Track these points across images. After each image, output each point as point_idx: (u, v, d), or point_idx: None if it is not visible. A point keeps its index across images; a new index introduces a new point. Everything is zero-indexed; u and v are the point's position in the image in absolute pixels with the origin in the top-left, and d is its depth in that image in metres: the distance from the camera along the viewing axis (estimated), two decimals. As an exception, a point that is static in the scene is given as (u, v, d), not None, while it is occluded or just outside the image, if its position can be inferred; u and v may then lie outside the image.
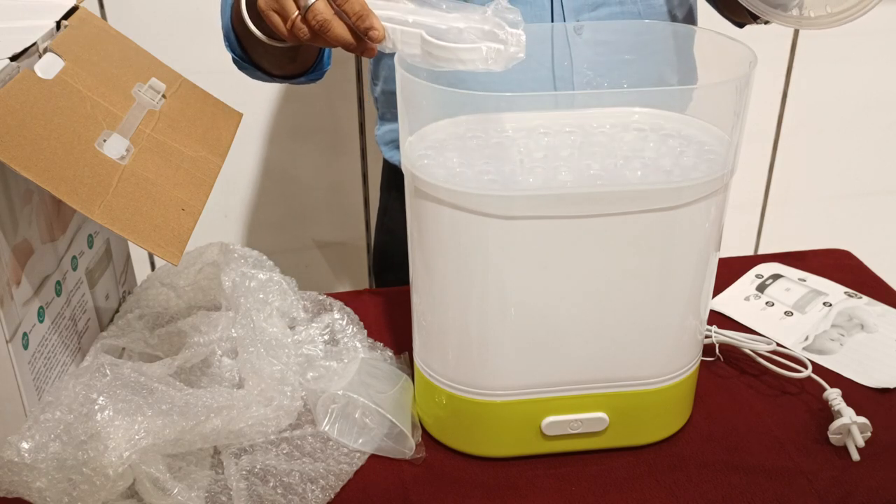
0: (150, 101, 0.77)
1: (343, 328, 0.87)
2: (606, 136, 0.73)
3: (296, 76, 0.96)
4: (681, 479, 0.73)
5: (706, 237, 0.70)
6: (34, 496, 0.66)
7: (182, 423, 0.68)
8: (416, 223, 0.70)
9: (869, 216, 1.88)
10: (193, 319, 0.81)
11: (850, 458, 0.74)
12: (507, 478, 0.74)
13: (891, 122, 1.79)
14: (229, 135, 0.83)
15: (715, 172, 0.67)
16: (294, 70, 0.94)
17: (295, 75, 0.96)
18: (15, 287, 0.68)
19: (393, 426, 0.75)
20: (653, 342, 0.72)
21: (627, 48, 0.80)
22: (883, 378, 0.84)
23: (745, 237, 1.87)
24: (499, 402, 0.73)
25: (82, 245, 0.80)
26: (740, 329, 0.90)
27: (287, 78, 0.96)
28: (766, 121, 1.75)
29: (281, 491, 0.70)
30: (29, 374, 0.70)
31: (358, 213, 1.68)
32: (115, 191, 0.67)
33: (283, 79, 0.97)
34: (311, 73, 0.96)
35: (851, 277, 0.99)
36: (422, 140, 0.71)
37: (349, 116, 1.59)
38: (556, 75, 0.92)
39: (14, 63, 0.67)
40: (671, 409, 0.77)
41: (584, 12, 0.94)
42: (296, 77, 0.96)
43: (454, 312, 0.71)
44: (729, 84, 0.67)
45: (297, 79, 0.96)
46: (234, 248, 0.86)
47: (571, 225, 0.66)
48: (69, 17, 0.76)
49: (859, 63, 1.71)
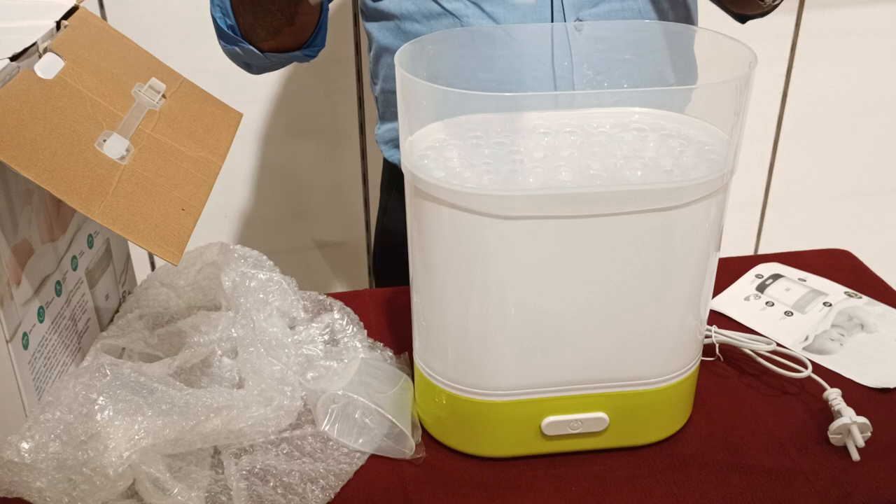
0: (150, 101, 0.77)
1: (343, 328, 0.87)
2: (606, 136, 0.73)
3: (288, 49, 0.92)
4: (681, 479, 0.73)
5: (706, 237, 0.70)
6: (34, 496, 0.66)
7: (182, 423, 0.68)
8: (416, 223, 0.70)
9: (869, 216, 1.88)
10: (193, 319, 0.81)
11: (850, 458, 0.74)
12: (507, 478, 0.74)
13: (891, 122, 1.79)
14: (229, 135, 0.83)
15: (715, 172, 0.67)
16: (289, 41, 0.90)
17: (287, 48, 0.92)
18: (15, 287, 0.68)
19: (393, 426, 0.75)
20: (653, 342, 0.72)
21: (627, 47, 0.80)
22: (883, 378, 0.84)
23: (745, 237, 1.87)
24: (499, 402, 0.73)
25: (82, 245, 0.80)
26: (740, 329, 0.90)
27: (278, 51, 0.92)
28: (766, 121, 1.75)
29: (281, 491, 0.70)
30: (29, 374, 0.70)
31: (358, 213, 1.68)
32: (115, 191, 0.67)
33: (275, 52, 0.92)
34: (307, 48, 0.93)
35: (851, 277, 0.99)
36: (422, 140, 0.71)
37: (349, 116, 1.59)
38: (556, 74, 0.92)
39: (14, 63, 0.67)
40: (671, 409, 0.77)
41: (585, 9, 0.94)
42: (288, 50, 0.92)
43: (454, 312, 0.71)
44: (729, 84, 0.67)
45: (291, 52, 0.92)
46: (234, 248, 0.86)
47: (571, 225, 0.66)
48: (69, 17, 0.76)
49: (859, 63, 1.71)
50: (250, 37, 0.91)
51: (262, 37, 0.90)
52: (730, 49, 0.71)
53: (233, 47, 0.94)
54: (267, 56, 0.93)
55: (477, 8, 0.95)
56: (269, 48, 0.92)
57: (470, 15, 0.96)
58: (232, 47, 0.94)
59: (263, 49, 0.91)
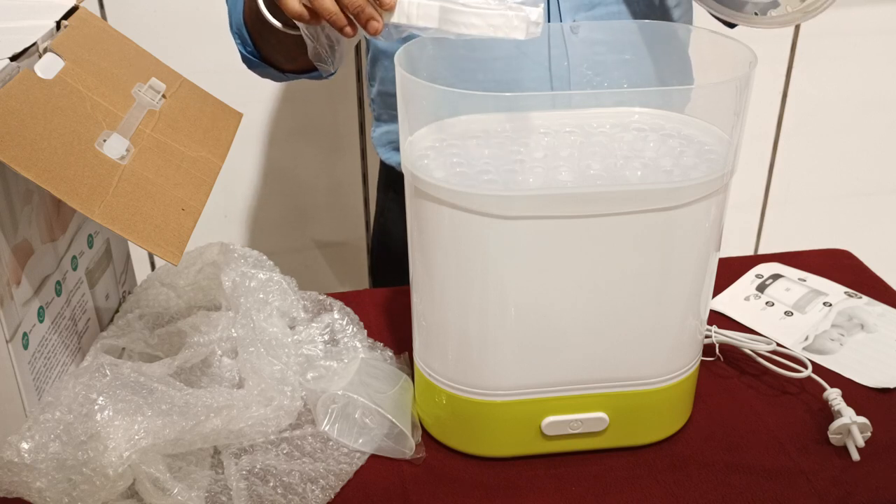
0: (150, 101, 0.77)
1: (343, 328, 0.87)
2: (606, 136, 0.73)
3: (308, 70, 0.95)
4: (681, 479, 0.73)
5: (706, 237, 0.70)
6: (34, 496, 0.66)
7: (182, 423, 0.68)
8: (416, 223, 0.70)
9: (869, 216, 1.88)
10: (193, 319, 0.81)
11: (850, 458, 0.74)
12: (507, 478, 0.74)
13: (891, 122, 1.79)
14: (229, 135, 0.83)
15: (715, 172, 0.67)
16: (306, 63, 0.93)
17: (307, 69, 0.95)
18: (15, 287, 0.68)
19: (393, 426, 0.75)
20: (653, 342, 0.72)
21: (623, 47, 0.80)
22: (883, 378, 0.84)
23: (745, 237, 1.87)
24: (499, 402, 0.73)
25: (82, 245, 0.80)
26: (740, 329, 0.90)
27: (299, 73, 0.96)
28: (766, 121, 1.75)
29: (281, 491, 0.70)
30: (29, 374, 0.70)
31: (358, 213, 1.68)
32: (115, 191, 0.67)
33: (295, 73, 0.96)
34: None
35: (851, 277, 0.99)
36: (422, 140, 0.71)
37: (349, 116, 1.59)
38: (552, 74, 0.92)
39: (14, 63, 0.67)
40: (671, 409, 0.77)
41: (581, 11, 0.95)
42: (308, 71, 0.96)
43: (454, 312, 0.71)
44: (729, 84, 0.67)
45: (310, 73, 0.96)
46: (234, 248, 0.86)
47: (571, 225, 0.66)
48: (69, 17, 0.76)
49: (859, 63, 1.71)
50: (270, 62, 0.95)
51: (281, 62, 0.94)
52: (730, 49, 0.71)
53: (254, 69, 0.98)
54: (287, 75, 0.97)
55: None
56: (289, 69, 0.96)
57: None
58: (253, 69, 0.98)
59: (284, 70, 0.96)
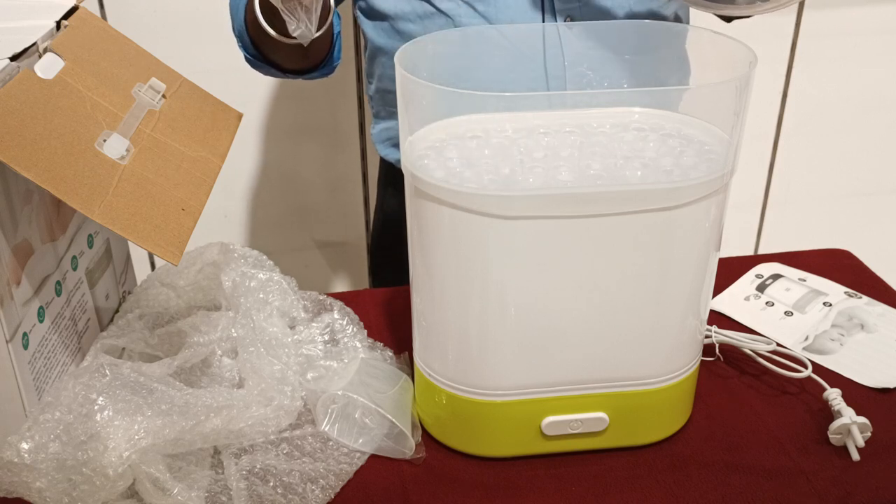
0: (150, 101, 0.77)
1: (343, 328, 0.87)
2: (606, 136, 0.73)
3: (308, 71, 0.99)
4: (681, 479, 0.73)
5: (706, 237, 0.70)
6: (34, 496, 0.66)
7: (182, 423, 0.68)
8: (416, 223, 0.70)
9: (869, 216, 1.88)
10: (193, 319, 0.81)
11: (850, 458, 0.74)
12: (507, 478, 0.74)
13: (891, 122, 1.79)
14: (229, 135, 0.83)
15: (715, 172, 0.67)
16: (306, 65, 0.98)
17: (307, 70, 0.99)
18: (15, 287, 0.68)
19: (393, 426, 0.75)
20: (653, 342, 0.72)
21: (621, 45, 0.80)
22: (883, 378, 0.84)
23: (745, 237, 1.87)
24: (499, 402, 0.73)
25: (82, 245, 0.80)
26: (740, 329, 0.90)
27: (299, 73, 1.00)
28: (766, 121, 1.75)
29: (281, 491, 0.70)
30: (29, 374, 0.70)
31: (358, 212, 1.68)
32: (115, 191, 0.67)
33: (296, 73, 1.00)
34: (323, 68, 0.99)
35: (851, 277, 0.99)
36: (422, 140, 0.71)
37: (349, 115, 1.59)
38: (548, 73, 0.92)
39: (14, 63, 0.67)
40: (671, 409, 0.77)
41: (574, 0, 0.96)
42: (308, 72, 0.99)
43: (454, 312, 0.71)
44: (729, 84, 0.67)
45: (310, 73, 1.00)
46: (234, 248, 0.86)
47: (571, 225, 0.66)
48: (69, 17, 0.76)
49: (859, 63, 1.71)
50: (272, 63, 0.98)
51: (281, 65, 0.98)
52: (729, 49, 0.71)
53: (258, 70, 1.01)
54: (287, 74, 1.00)
55: (469, 7, 0.96)
56: (290, 69, 0.99)
57: (462, 14, 0.97)
58: (257, 69, 1.01)
59: (285, 70, 0.99)
